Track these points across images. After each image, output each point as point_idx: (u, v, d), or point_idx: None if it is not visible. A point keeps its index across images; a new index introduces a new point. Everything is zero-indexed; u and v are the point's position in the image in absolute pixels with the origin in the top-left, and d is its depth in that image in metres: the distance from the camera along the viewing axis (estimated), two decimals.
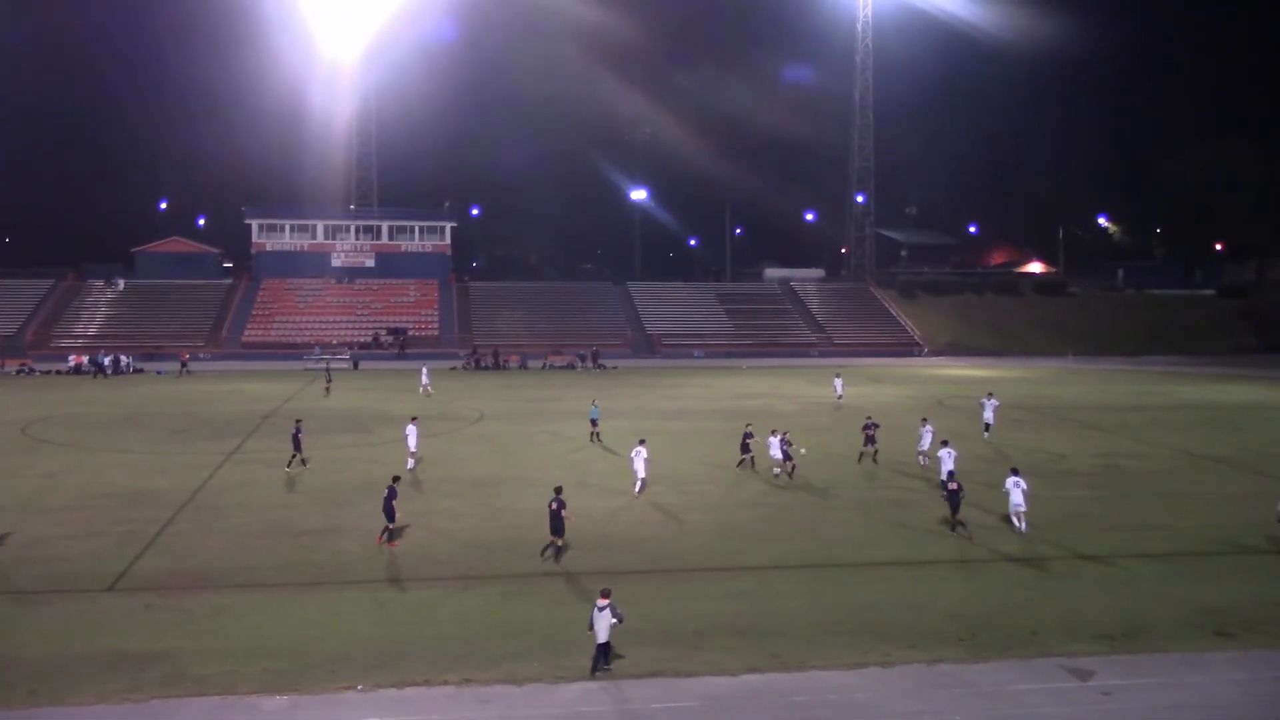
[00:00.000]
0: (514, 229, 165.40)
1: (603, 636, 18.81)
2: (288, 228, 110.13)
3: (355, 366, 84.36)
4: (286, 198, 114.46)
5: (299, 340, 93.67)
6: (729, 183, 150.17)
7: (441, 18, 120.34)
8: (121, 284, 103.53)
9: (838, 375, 63.20)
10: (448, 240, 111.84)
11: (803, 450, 38.07)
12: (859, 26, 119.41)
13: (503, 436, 46.11)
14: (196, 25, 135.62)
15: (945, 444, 34.45)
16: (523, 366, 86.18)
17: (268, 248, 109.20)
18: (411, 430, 38.47)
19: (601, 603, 18.99)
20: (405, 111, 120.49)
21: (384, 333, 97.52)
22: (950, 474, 31.57)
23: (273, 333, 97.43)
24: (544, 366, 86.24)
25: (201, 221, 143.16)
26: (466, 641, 20.48)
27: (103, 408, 56.96)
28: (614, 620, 18.83)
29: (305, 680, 18.57)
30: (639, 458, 34.50)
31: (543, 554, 26.20)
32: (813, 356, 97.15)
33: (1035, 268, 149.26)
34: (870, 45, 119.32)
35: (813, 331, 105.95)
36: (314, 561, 26.15)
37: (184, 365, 79.84)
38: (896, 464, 38.98)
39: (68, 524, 29.69)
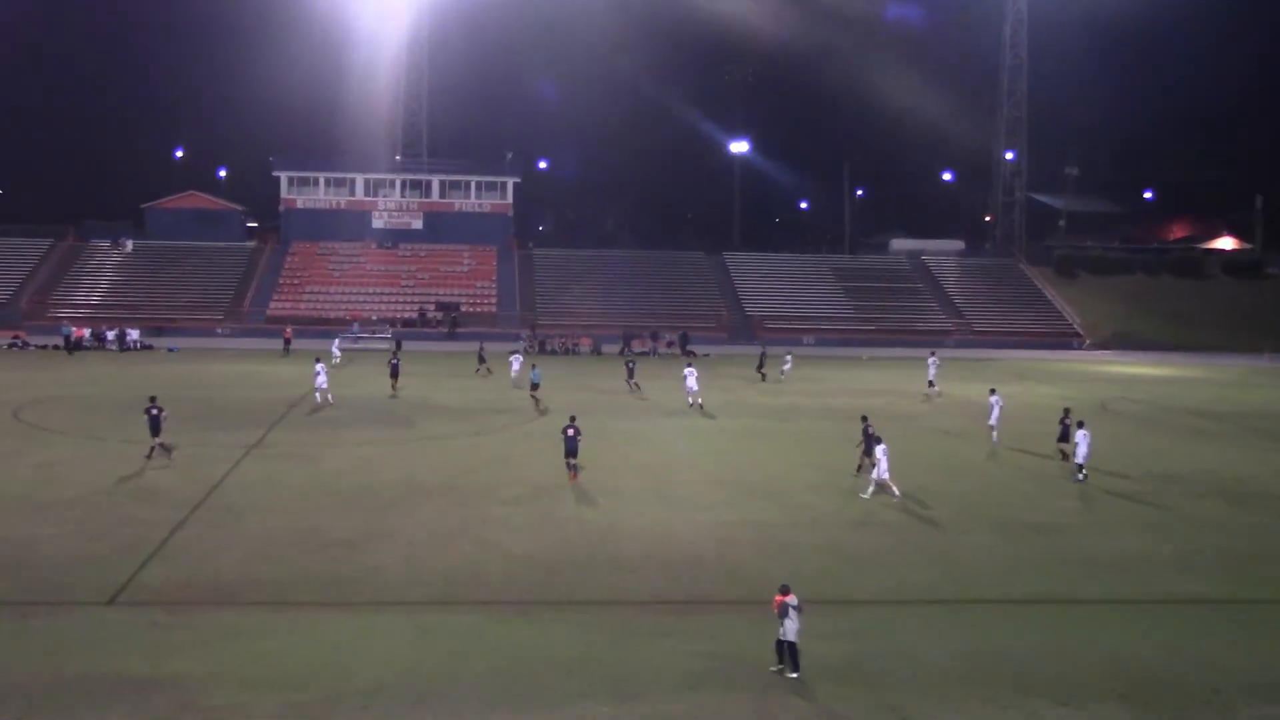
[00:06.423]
0: (588, 187, 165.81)
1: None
2: (322, 182, 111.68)
3: (398, 347, 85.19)
4: (321, 148, 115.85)
5: (333, 315, 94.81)
6: (849, 134, 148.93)
7: None
8: (130, 245, 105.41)
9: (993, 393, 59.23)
10: (509, 199, 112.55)
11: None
12: None
13: None
14: None
15: (1081, 425, 38.98)
16: (596, 352, 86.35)
17: (298, 204, 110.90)
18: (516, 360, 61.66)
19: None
20: (463, 49, 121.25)
21: (432, 308, 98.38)
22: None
23: (303, 305, 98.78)
24: (622, 352, 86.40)
25: (223, 174, 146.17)
26: (522, 677, 20.65)
27: (107, 389, 58.43)
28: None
29: (333, 716, 18.90)
30: (690, 377, 54.05)
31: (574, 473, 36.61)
32: (949, 347, 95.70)
33: (1225, 244, 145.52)
34: None
35: (949, 316, 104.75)
36: (346, 577, 26.53)
37: (287, 344, 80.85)
38: (1049, 480, 38.38)
39: (64, 523, 30.53)
